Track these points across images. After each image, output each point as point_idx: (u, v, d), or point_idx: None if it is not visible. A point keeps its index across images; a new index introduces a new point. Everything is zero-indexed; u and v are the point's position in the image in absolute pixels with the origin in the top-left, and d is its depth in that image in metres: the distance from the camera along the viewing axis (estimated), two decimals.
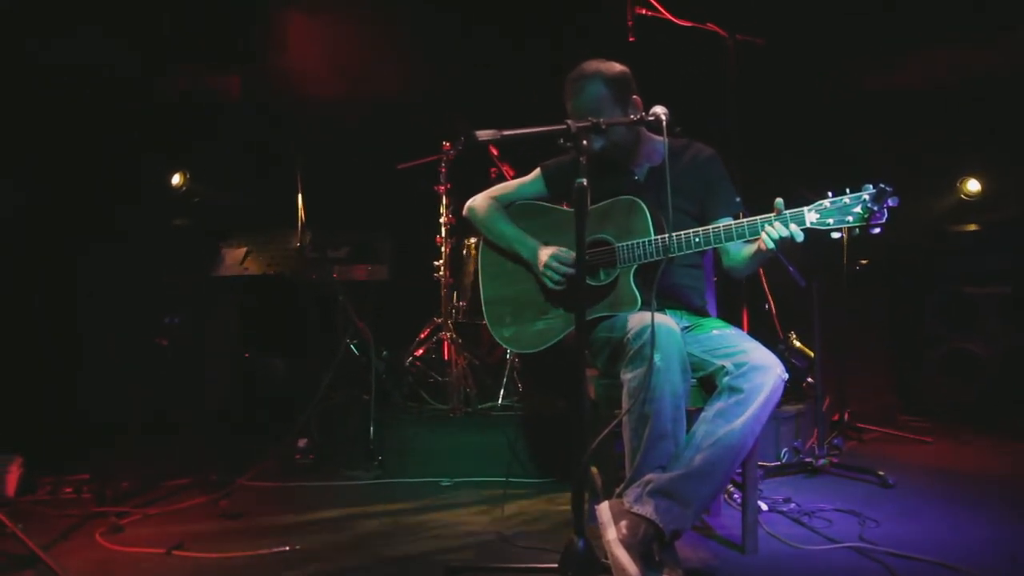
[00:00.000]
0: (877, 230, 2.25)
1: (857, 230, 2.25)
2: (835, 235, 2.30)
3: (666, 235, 2.44)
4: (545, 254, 2.64)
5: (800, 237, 2.27)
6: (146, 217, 4.74)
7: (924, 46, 4.60)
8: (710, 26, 3.72)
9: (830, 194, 2.26)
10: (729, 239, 2.40)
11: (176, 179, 4.78)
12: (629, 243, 2.53)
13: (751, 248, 2.46)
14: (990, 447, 3.93)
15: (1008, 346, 4.53)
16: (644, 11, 3.63)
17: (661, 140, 2.51)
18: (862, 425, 4.17)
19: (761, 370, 2.28)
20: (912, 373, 4.84)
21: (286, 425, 3.76)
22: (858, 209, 2.22)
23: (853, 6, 4.47)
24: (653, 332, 2.23)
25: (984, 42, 4.52)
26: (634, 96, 2.62)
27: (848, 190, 2.25)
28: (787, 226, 2.27)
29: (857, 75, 4.75)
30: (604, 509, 2.27)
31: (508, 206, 2.84)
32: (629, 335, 2.34)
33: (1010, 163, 4.65)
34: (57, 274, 4.36)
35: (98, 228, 4.49)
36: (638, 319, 2.36)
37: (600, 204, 2.61)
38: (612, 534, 2.19)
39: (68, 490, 3.23)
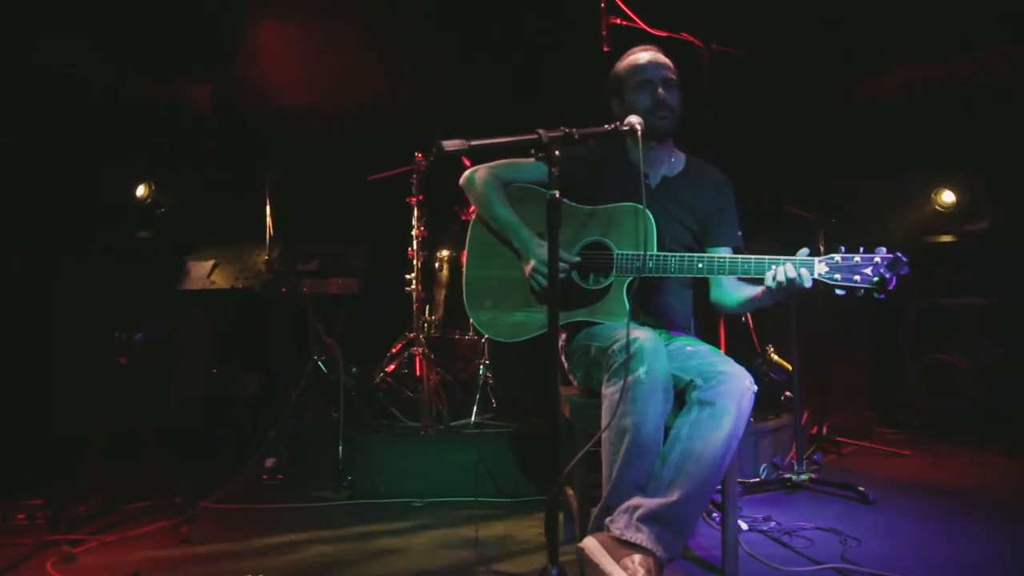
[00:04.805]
0: (882, 295, 2.19)
1: (862, 291, 2.20)
2: (839, 291, 2.22)
3: (668, 254, 2.38)
4: (537, 258, 2.50)
5: (808, 283, 2.21)
6: (111, 229, 4.62)
7: (899, 59, 4.60)
8: (685, 36, 3.68)
9: (843, 249, 2.20)
10: (733, 272, 2.33)
11: (141, 191, 4.65)
12: (628, 253, 2.45)
13: (749, 292, 2.41)
14: (968, 460, 3.90)
15: (987, 357, 4.51)
16: (619, 21, 3.59)
17: (680, 154, 2.65)
18: (840, 438, 4.13)
19: (728, 382, 2.22)
20: (890, 385, 4.81)
21: (254, 444, 3.64)
22: (867, 271, 2.18)
23: (829, 18, 4.46)
24: (634, 346, 2.18)
25: (958, 55, 4.53)
26: None
27: (862, 248, 2.19)
28: (797, 270, 2.20)
29: (833, 87, 4.74)
30: (594, 546, 2.16)
31: (507, 184, 2.68)
32: (614, 346, 2.26)
33: (984, 175, 4.65)
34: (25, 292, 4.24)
35: (64, 240, 4.37)
36: (624, 331, 2.28)
37: (607, 206, 2.53)
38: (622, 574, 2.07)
39: (20, 516, 3.08)
